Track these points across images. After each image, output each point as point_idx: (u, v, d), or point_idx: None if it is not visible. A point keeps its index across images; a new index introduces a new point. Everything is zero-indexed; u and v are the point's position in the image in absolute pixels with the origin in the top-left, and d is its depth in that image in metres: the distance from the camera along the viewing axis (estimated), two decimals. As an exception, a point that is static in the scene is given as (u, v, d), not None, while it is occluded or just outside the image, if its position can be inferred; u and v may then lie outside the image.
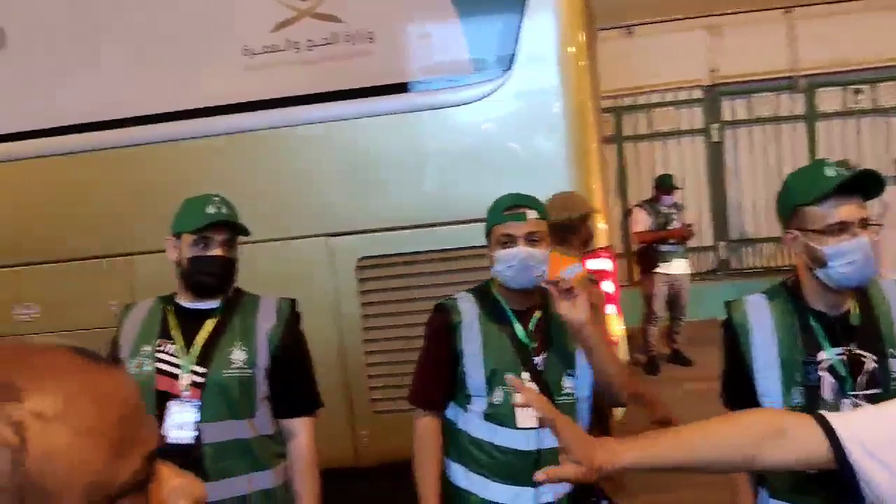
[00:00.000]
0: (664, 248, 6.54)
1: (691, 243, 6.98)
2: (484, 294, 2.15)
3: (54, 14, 3.72)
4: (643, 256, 6.74)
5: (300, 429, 2.14)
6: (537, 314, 2.10)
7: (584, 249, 3.15)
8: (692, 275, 6.98)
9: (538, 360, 2.05)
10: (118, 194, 3.66)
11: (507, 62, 3.39)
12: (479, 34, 3.42)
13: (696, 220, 8.08)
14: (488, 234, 2.10)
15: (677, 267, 6.60)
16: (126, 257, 3.61)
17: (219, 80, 3.57)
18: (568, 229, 3.01)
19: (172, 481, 0.55)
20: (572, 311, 1.93)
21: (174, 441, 1.99)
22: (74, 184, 3.70)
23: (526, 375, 2.01)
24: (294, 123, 3.50)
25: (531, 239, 2.01)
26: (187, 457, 1.96)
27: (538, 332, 2.08)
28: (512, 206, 2.05)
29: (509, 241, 2.02)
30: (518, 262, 2.00)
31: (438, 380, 2.10)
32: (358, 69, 3.44)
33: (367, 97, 3.44)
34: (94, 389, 0.51)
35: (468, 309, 2.11)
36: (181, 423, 2.00)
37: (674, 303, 6.69)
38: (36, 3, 3.74)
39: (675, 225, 6.64)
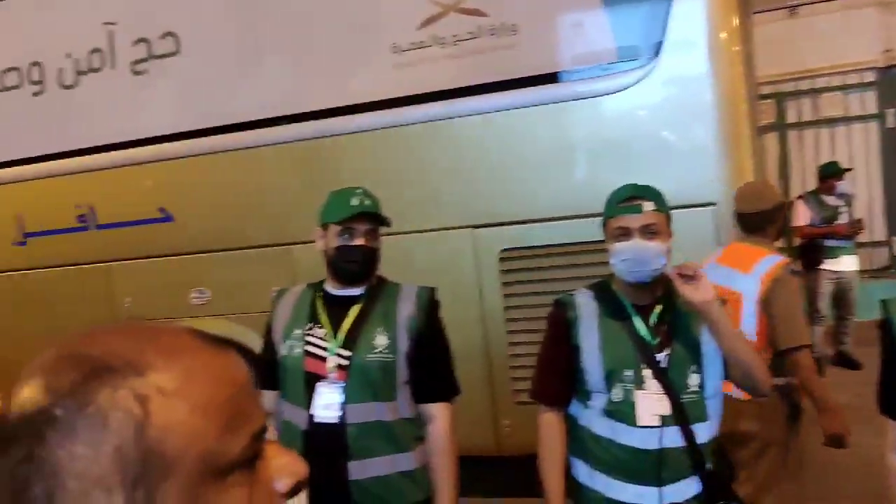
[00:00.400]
0: (831, 243, 6.11)
1: (862, 238, 6.47)
2: (603, 289, 2.10)
3: (220, 20, 4.02)
4: (807, 252, 6.32)
5: (438, 414, 2.19)
6: (659, 308, 2.03)
7: (778, 240, 3.05)
8: (862, 272, 6.48)
9: (661, 356, 1.98)
10: (280, 187, 3.90)
11: (655, 49, 3.29)
12: (624, 21, 3.34)
13: (868, 212, 7.48)
14: (604, 226, 2.05)
15: (845, 263, 6.15)
16: (287, 246, 3.84)
17: (369, 77, 3.72)
18: (763, 220, 2.95)
19: (278, 459, 0.58)
20: (695, 292, 1.87)
21: (321, 420, 2.09)
22: (241, 178, 3.99)
23: (648, 373, 1.96)
24: (441, 118, 3.58)
25: (648, 231, 1.95)
26: (333, 435, 2.07)
27: (660, 327, 2.01)
28: (628, 197, 1.99)
29: (624, 233, 1.96)
30: (632, 255, 1.95)
31: (558, 376, 2.08)
32: (503, 62, 3.46)
33: (511, 89, 3.46)
34: (209, 369, 0.55)
35: (586, 304, 2.07)
36: (328, 403, 2.09)
37: (840, 302, 6.24)
38: (205, 12, 4.05)
39: (844, 218, 6.17)
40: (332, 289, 2.23)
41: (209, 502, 0.51)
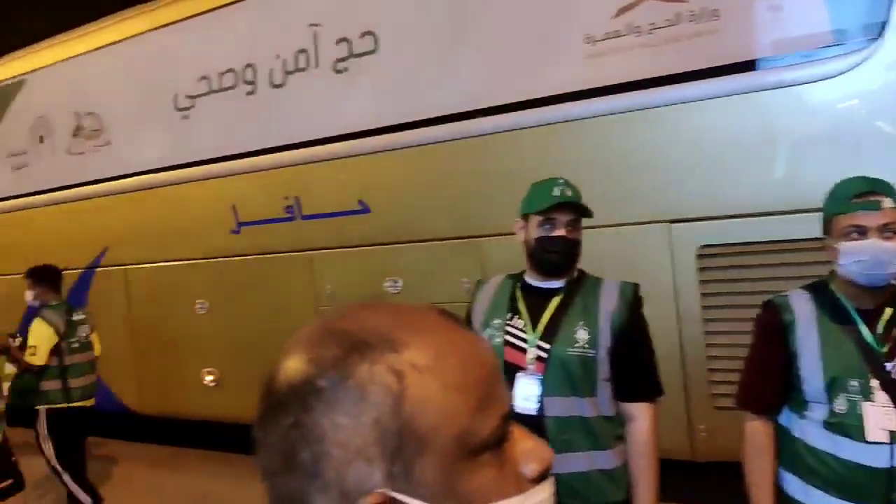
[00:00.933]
0: None
1: None
2: (822, 291, 1.94)
3: (415, 18, 4.15)
4: None
5: (640, 414, 2.13)
6: (888, 313, 1.86)
7: None
8: None
9: (890, 366, 1.81)
10: (470, 181, 3.98)
11: (877, 30, 3.01)
12: (840, 1, 3.09)
13: None
14: (828, 222, 1.90)
15: None
16: (475, 239, 3.91)
17: (562, 69, 3.68)
18: None
19: (524, 443, 0.58)
20: None
21: (520, 411, 2.08)
22: (433, 172, 4.11)
23: (875, 383, 1.80)
24: (637, 108, 3.48)
25: (888, 230, 1.78)
26: (532, 427, 2.07)
27: (889, 334, 1.84)
28: (863, 192, 1.82)
29: (858, 232, 1.81)
30: (870, 256, 1.79)
31: (770, 383, 1.96)
32: (703, 49, 3.31)
33: (713, 77, 3.30)
34: (459, 348, 0.56)
35: (803, 306, 1.93)
36: (527, 394, 2.09)
37: None
38: (400, 11, 4.20)
39: None
40: (532, 280, 2.23)
41: (462, 481, 0.52)
